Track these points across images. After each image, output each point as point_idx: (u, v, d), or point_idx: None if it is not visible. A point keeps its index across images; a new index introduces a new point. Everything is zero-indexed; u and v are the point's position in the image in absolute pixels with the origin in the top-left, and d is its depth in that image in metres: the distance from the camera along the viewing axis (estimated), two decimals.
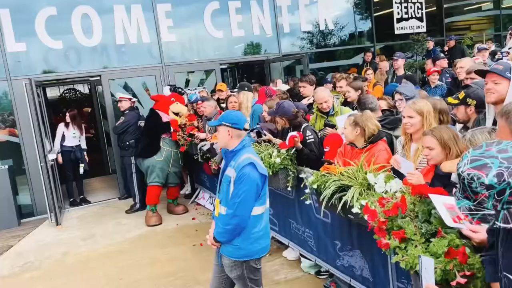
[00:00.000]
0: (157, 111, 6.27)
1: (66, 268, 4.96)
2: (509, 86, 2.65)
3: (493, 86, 2.72)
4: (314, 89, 5.35)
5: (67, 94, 13.04)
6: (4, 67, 6.79)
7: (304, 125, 4.12)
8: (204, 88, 8.22)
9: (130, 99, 6.88)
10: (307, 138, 3.99)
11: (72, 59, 7.36)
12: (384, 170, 2.81)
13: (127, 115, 6.75)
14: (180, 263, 4.76)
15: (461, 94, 3.17)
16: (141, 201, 6.73)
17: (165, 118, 6.21)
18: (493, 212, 1.23)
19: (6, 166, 6.72)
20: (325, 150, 3.78)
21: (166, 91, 6.37)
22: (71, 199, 7.51)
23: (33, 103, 6.36)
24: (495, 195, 1.22)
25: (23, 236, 6.20)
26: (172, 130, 6.20)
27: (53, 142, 7.26)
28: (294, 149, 3.87)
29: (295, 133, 3.90)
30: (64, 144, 7.25)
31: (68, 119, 7.35)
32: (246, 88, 5.68)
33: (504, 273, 1.38)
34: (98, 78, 7.85)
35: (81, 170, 7.38)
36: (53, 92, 13.42)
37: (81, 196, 7.57)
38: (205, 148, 5.59)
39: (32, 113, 6.45)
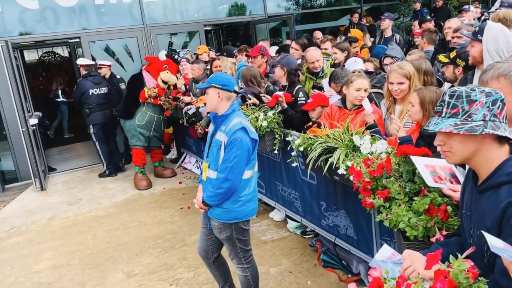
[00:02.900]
0: (145, 73, 6.14)
1: (52, 233, 4.98)
2: (481, 47, 2.76)
3: (470, 49, 2.87)
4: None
5: (46, 58, 12.62)
6: None
7: (298, 86, 4.12)
8: (188, 50, 8.02)
9: (89, 65, 6.72)
10: (298, 99, 3.99)
11: (49, 20, 7.05)
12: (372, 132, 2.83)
13: (78, 84, 6.72)
14: (167, 226, 4.82)
15: (453, 54, 3.17)
16: (108, 167, 6.86)
17: (151, 82, 6.08)
18: (480, 123, 1.37)
19: None
20: (308, 101, 3.80)
21: (162, 56, 6.20)
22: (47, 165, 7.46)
23: (11, 66, 6.14)
24: (490, 104, 1.37)
25: (7, 202, 6.16)
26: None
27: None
28: (280, 108, 3.86)
29: (280, 93, 3.89)
30: None
31: None
32: (225, 54, 5.56)
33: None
34: (77, 40, 7.58)
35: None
36: (31, 56, 12.98)
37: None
38: (190, 112, 5.53)
39: (11, 77, 6.23)
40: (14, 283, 3.95)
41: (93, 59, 7.39)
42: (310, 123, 3.60)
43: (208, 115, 4.67)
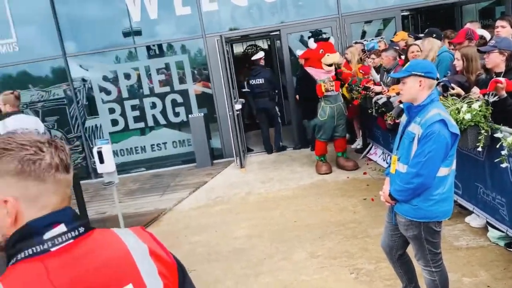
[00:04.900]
0: (308, 69, 6.25)
1: (248, 205, 5.63)
2: None
3: None
4: None
5: (249, 50, 14.07)
6: (200, 26, 7.71)
7: None
8: (382, 38, 7.75)
9: (257, 59, 7.75)
10: None
11: (254, 15, 7.85)
12: None
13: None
14: (350, 215, 4.85)
15: None
16: (267, 149, 8.05)
17: (321, 74, 6.15)
18: None
19: (202, 114, 7.82)
20: None
21: (313, 44, 6.20)
22: None
23: (223, 58, 7.11)
24: None
25: (214, 175, 7.23)
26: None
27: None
28: (496, 97, 3.36)
29: (502, 79, 3.38)
30: None
31: None
32: (434, 35, 5.03)
33: None
34: (277, 33, 8.21)
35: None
36: (237, 49, 14.67)
37: None
38: (381, 102, 5.37)
39: (223, 67, 7.24)
40: (217, 245, 4.63)
41: (289, 49, 7.89)
42: None
43: (400, 105, 4.46)
